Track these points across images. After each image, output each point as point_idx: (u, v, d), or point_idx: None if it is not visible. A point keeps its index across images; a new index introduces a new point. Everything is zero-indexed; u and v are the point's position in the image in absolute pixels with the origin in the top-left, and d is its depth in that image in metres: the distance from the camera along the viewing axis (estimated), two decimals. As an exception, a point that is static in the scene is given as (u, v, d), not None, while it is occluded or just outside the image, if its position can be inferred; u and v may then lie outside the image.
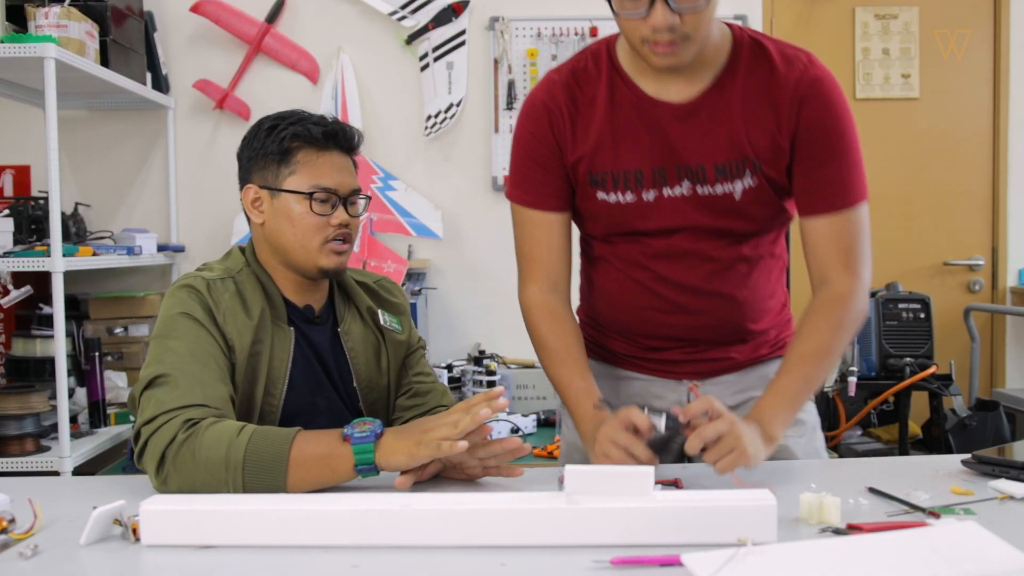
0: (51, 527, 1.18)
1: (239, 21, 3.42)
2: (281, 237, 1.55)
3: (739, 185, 1.48)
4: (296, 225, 1.53)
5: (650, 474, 1.10)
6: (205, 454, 1.27)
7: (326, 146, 1.55)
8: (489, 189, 3.52)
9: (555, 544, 1.07)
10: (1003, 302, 3.74)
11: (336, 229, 1.54)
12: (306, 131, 1.54)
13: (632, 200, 1.52)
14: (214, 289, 1.50)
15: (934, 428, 3.06)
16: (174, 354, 1.41)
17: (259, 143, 1.57)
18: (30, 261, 2.52)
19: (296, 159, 1.54)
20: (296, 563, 1.04)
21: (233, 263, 1.58)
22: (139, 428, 1.36)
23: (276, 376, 1.52)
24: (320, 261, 1.54)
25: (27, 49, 2.49)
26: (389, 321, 1.66)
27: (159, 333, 1.46)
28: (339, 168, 1.56)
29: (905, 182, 3.73)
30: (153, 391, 1.38)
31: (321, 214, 1.53)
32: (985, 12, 3.72)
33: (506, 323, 3.60)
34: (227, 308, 1.48)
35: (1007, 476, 1.33)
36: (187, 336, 1.44)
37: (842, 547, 1.03)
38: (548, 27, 3.49)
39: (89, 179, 3.48)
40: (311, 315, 1.59)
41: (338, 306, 1.64)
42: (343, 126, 1.59)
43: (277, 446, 1.28)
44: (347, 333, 1.62)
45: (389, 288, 1.74)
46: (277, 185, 1.55)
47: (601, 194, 1.53)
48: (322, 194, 1.52)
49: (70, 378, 2.79)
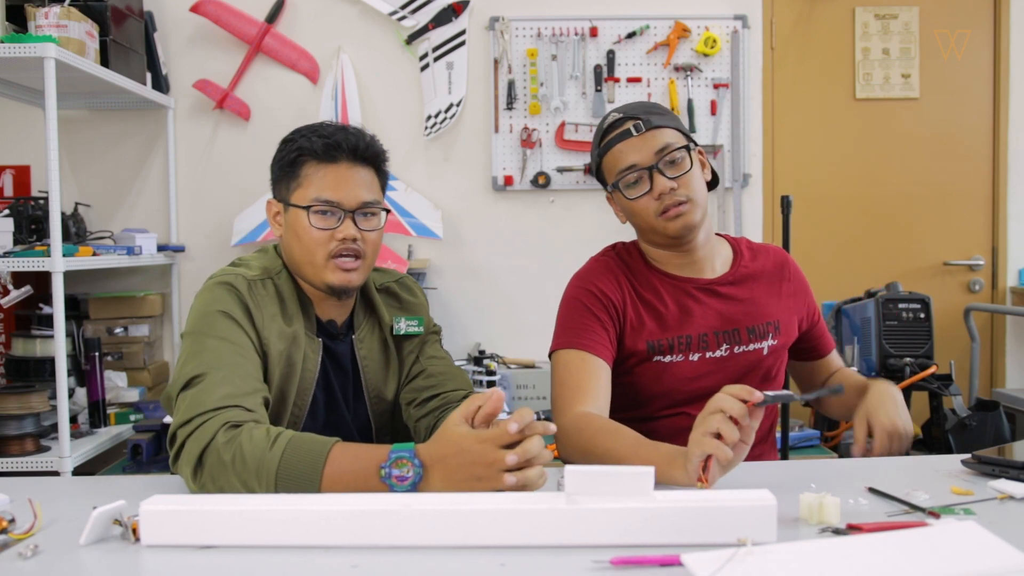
0: (51, 527, 1.18)
1: (239, 21, 3.42)
2: (291, 251, 1.53)
3: (766, 344, 1.72)
4: (301, 239, 1.50)
5: (650, 474, 1.10)
6: (240, 464, 1.25)
7: (330, 158, 1.51)
8: (489, 189, 3.53)
9: (555, 544, 1.07)
10: (1003, 302, 3.74)
11: (340, 243, 1.49)
12: (310, 143, 1.51)
13: (681, 360, 1.68)
14: (255, 290, 1.47)
15: (934, 428, 3.05)
16: (211, 352, 1.38)
17: (278, 156, 1.56)
18: (30, 261, 2.52)
19: (302, 172, 1.52)
20: (296, 563, 1.04)
21: (272, 263, 1.55)
22: (175, 430, 1.33)
23: (305, 387, 1.50)
24: (326, 277, 1.50)
25: (27, 49, 2.49)
26: (407, 326, 1.63)
27: (195, 329, 1.43)
28: (345, 180, 1.51)
29: (905, 182, 3.73)
30: (189, 391, 1.34)
31: (322, 228, 1.48)
32: (985, 12, 3.72)
33: (506, 323, 3.61)
34: (267, 311, 1.46)
35: (1007, 476, 1.33)
36: (225, 334, 1.40)
37: (842, 547, 1.03)
38: (548, 27, 3.49)
39: (89, 179, 3.48)
40: (334, 330, 1.57)
41: (356, 315, 1.61)
42: (351, 136, 1.53)
43: (310, 466, 1.23)
44: (361, 341, 1.60)
45: (409, 286, 1.71)
46: (287, 199, 1.53)
47: (658, 358, 1.68)
48: (322, 206, 1.48)
49: (70, 378, 2.79)
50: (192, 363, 1.38)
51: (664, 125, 1.65)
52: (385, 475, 1.22)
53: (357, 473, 1.23)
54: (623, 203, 1.69)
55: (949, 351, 3.46)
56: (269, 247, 1.61)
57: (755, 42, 3.59)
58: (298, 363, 1.49)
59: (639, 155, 1.63)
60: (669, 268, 1.73)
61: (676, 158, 1.64)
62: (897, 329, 3.07)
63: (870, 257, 3.66)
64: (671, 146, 1.63)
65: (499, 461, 1.17)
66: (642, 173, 1.63)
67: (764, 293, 1.75)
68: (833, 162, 3.72)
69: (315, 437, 1.29)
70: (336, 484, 1.23)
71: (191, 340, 1.42)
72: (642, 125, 1.64)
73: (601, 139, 1.70)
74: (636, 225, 1.72)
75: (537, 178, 3.49)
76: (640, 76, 3.52)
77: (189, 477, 1.29)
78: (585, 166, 3.50)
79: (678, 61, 3.52)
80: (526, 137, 3.49)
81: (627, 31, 3.51)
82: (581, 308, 1.67)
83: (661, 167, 1.62)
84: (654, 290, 1.70)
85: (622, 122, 1.67)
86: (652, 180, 1.63)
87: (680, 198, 1.62)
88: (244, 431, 1.28)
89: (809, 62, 3.70)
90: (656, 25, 3.52)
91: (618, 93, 3.52)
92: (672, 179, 1.62)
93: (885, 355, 3.04)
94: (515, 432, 1.18)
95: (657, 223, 1.65)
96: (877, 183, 3.73)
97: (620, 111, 1.70)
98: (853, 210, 3.72)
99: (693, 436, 1.26)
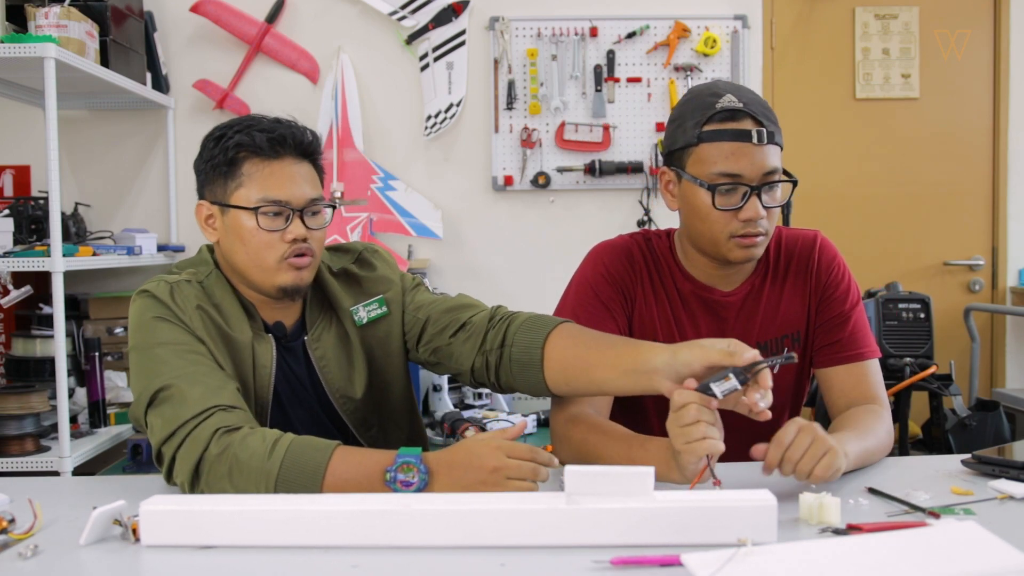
0: (51, 527, 1.18)
1: (239, 21, 3.42)
2: (235, 256, 1.43)
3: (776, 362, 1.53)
4: (247, 243, 1.40)
5: (650, 474, 1.10)
6: (238, 475, 1.23)
7: (275, 154, 1.40)
8: (489, 189, 3.53)
9: (555, 544, 1.07)
10: (1003, 302, 3.74)
11: (291, 245, 1.40)
12: (250, 138, 1.39)
13: None
14: (177, 292, 1.39)
15: (934, 428, 3.05)
16: (164, 362, 1.32)
17: (208, 154, 1.43)
18: (30, 261, 2.51)
19: (242, 171, 1.40)
20: (296, 563, 1.04)
21: (201, 266, 1.47)
22: (159, 448, 1.29)
23: (262, 384, 1.43)
24: (277, 280, 1.41)
25: (27, 49, 2.49)
26: (368, 312, 1.53)
27: (137, 343, 1.36)
28: (291, 177, 1.41)
29: (905, 182, 3.73)
30: (159, 408, 1.30)
31: (271, 229, 1.39)
32: (985, 12, 3.72)
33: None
34: (191, 310, 1.38)
35: (1007, 476, 1.33)
36: (168, 339, 1.34)
37: (842, 547, 1.03)
38: (548, 27, 3.49)
39: (89, 179, 3.48)
40: (282, 332, 1.48)
41: (308, 315, 1.51)
42: (293, 129, 1.43)
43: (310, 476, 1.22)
44: (316, 341, 1.49)
45: (368, 260, 1.58)
46: (225, 200, 1.41)
47: None
48: (271, 207, 1.39)
49: (70, 378, 2.79)
50: (148, 377, 1.32)
51: (779, 144, 1.48)
52: (390, 479, 1.21)
53: (360, 481, 1.22)
54: (695, 200, 1.49)
55: (949, 351, 3.46)
56: (202, 249, 1.52)
57: (755, 42, 3.59)
58: (247, 363, 1.41)
59: (751, 168, 1.45)
60: (697, 273, 1.60)
61: (778, 187, 1.49)
62: (897, 329, 3.07)
63: (870, 257, 3.65)
64: (778, 171, 1.48)
65: (505, 468, 1.19)
66: (743, 188, 1.46)
67: (787, 299, 1.61)
68: (833, 162, 3.72)
69: (314, 442, 1.25)
70: (339, 491, 1.21)
71: (137, 355, 1.36)
72: (764, 135, 1.45)
73: (707, 118, 1.47)
74: (692, 226, 1.54)
75: (537, 178, 3.49)
76: (640, 76, 3.52)
77: (188, 490, 1.27)
78: (585, 166, 3.50)
79: (678, 61, 3.52)
80: (526, 137, 3.49)
81: (627, 31, 3.51)
82: (591, 293, 1.57)
83: (763, 192, 1.46)
84: (673, 290, 1.60)
85: (741, 116, 1.46)
86: (746, 199, 1.46)
87: (761, 230, 1.48)
88: (237, 439, 1.24)
89: (809, 62, 3.70)
90: (656, 25, 3.52)
91: (618, 93, 3.52)
92: (766, 207, 1.47)
93: (885, 355, 3.04)
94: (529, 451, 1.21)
95: (724, 243, 1.49)
96: (877, 183, 3.73)
97: (738, 97, 1.47)
98: (853, 210, 3.71)
99: (677, 444, 1.21)
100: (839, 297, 1.61)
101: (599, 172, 3.48)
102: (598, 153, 3.52)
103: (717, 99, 1.47)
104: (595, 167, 3.48)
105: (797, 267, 1.62)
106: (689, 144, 1.48)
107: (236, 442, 1.24)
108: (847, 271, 1.64)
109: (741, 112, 1.46)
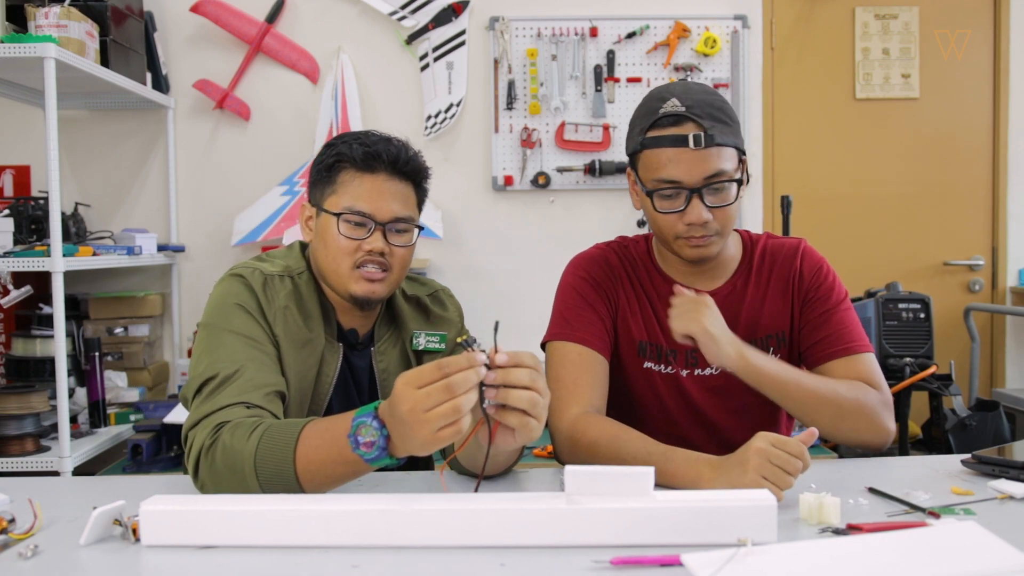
0: (51, 527, 1.18)
1: (239, 21, 3.42)
2: (317, 256, 1.51)
3: None
4: (328, 246, 1.48)
5: (650, 474, 1.10)
6: (222, 462, 1.24)
7: (369, 167, 1.48)
8: (489, 189, 3.53)
9: (555, 544, 1.07)
10: (1003, 302, 3.74)
11: (367, 255, 1.46)
12: (350, 150, 1.48)
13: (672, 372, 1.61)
14: (270, 286, 1.46)
15: (934, 428, 3.05)
16: (226, 349, 1.37)
17: (318, 158, 1.53)
18: (30, 261, 2.52)
19: (338, 179, 1.49)
20: (296, 563, 1.04)
21: (295, 263, 1.53)
22: (186, 431, 1.32)
23: (322, 391, 1.49)
24: (350, 287, 1.47)
25: (27, 49, 2.49)
26: (427, 341, 1.59)
27: (210, 322, 1.42)
28: (380, 192, 1.47)
29: (905, 182, 3.73)
30: (203, 393, 1.34)
31: (350, 237, 1.46)
32: (985, 12, 3.72)
33: (506, 323, 3.60)
34: (278, 307, 1.44)
35: (1007, 476, 1.33)
36: (239, 328, 1.39)
37: (842, 547, 1.03)
38: (548, 27, 3.49)
39: (89, 179, 3.48)
40: (354, 339, 1.55)
41: (378, 328, 1.58)
42: (393, 147, 1.50)
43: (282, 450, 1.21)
44: (382, 354, 1.57)
45: (442, 300, 1.67)
46: (321, 203, 1.50)
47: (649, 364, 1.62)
48: (354, 216, 1.46)
49: (70, 378, 2.79)
50: (205, 361, 1.37)
51: (725, 143, 1.47)
52: (354, 446, 1.15)
53: (329, 448, 1.18)
54: (646, 206, 1.54)
55: (949, 351, 3.46)
56: (295, 244, 1.59)
57: (755, 42, 3.59)
58: (313, 367, 1.47)
59: (688, 174, 1.46)
60: (673, 272, 1.64)
61: (723, 188, 1.48)
62: (897, 329, 3.07)
63: (870, 257, 3.65)
64: (723, 175, 1.47)
65: (416, 403, 1.06)
66: (682, 191, 1.48)
67: (771, 300, 1.63)
68: (833, 162, 3.72)
69: (291, 421, 1.26)
70: (311, 463, 1.19)
71: (206, 333, 1.41)
72: (703, 139, 1.45)
73: (650, 124, 1.49)
74: (652, 226, 1.59)
75: (537, 178, 3.49)
76: (640, 76, 3.52)
77: (193, 479, 1.30)
78: (585, 166, 3.50)
79: (678, 61, 3.52)
80: (526, 137, 3.49)
81: (627, 31, 3.51)
82: (576, 297, 1.61)
83: (705, 193, 1.47)
84: (652, 292, 1.63)
85: (683, 121, 1.46)
86: (688, 202, 1.47)
87: (709, 232, 1.49)
88: (226, 429, 1.26)
89: (809, 62, 3.70)
90: (656, 25, 3.52)
91: (618, 93, 3.52)
92: (710, 208, 1.48)
93: (885, 355, 3.04)
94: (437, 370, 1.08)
95: (674, 243, 1.53)
96: (877, 183, 3.73)
97: (683, 101, 1.47)
98: (853, 210, 3.72)
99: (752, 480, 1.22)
100: (822, 296, 1.62)
101: (599, 172, 3.48)
102: (598, 153, 3.52)
103: (662, 104, 1.49)
104: (595, 167, 3.48)
105: (780, 270, 1.64)
106: (636, 150, 1.53)
107: (227, 428, 1.27)
108: (831, 273, 1.65)
109: (683, 117, 1.47)
